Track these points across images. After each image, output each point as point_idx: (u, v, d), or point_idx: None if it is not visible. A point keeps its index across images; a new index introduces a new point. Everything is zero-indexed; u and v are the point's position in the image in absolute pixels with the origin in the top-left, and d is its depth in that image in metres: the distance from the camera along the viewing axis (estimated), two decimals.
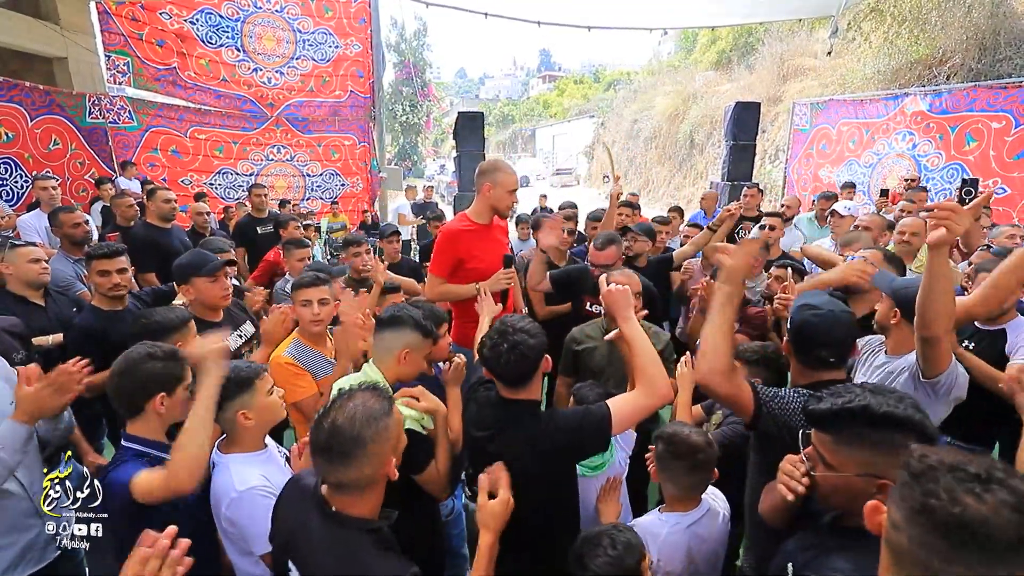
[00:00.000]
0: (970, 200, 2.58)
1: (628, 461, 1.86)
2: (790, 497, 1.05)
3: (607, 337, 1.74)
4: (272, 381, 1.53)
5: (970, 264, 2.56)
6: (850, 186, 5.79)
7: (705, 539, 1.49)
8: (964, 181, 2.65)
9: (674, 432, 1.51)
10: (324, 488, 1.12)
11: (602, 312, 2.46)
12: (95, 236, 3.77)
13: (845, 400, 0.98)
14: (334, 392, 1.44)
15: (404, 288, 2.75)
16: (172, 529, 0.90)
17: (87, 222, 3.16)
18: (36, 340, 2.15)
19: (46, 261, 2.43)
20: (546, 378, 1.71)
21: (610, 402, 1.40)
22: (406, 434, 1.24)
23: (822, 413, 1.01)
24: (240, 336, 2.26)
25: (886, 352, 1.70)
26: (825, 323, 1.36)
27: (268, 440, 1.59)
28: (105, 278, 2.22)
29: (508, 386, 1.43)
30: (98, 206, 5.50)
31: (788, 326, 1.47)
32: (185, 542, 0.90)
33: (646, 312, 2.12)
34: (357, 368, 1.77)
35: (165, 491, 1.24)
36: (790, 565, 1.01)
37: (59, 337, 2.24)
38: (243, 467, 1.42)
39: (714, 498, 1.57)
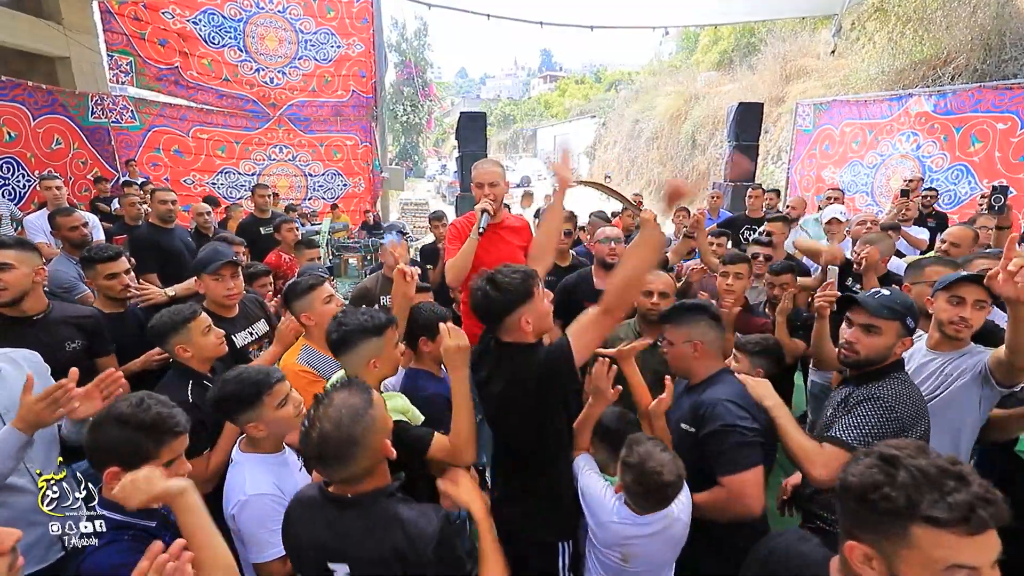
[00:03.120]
0: (999, 207, 2.54)
1: None
2: None
3: (635, 344, 1.80)
4: (286, 392, 1.48)
5: None
6: (839, 192, 5.68)
7: (655, 543, 1.42)
8: (994, 188, 2.58)
9: (645, 464, 1.35)
10: (332, 488, 1.16)
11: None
12: (100, 236, 3.76)
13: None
14: None
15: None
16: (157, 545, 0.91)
17: (86, 224, 3.13)
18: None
19: (45, 263, 2.42)
20: None
21: (568, 330, 1.42)
22: (394, 430, 1.25)
23: (667, 312, 1.75)
24: (251, 334, 2.27)
25: (928, 346, 1.80)
26: None
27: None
28: (115, 280, 2.22)
29: (487, 326, 1.50)
30: (115, 203, 5.51)
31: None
32: (188, 555, 0.90)
33: None
34: None
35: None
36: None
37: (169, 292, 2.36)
38: (259, 470, 1.42)
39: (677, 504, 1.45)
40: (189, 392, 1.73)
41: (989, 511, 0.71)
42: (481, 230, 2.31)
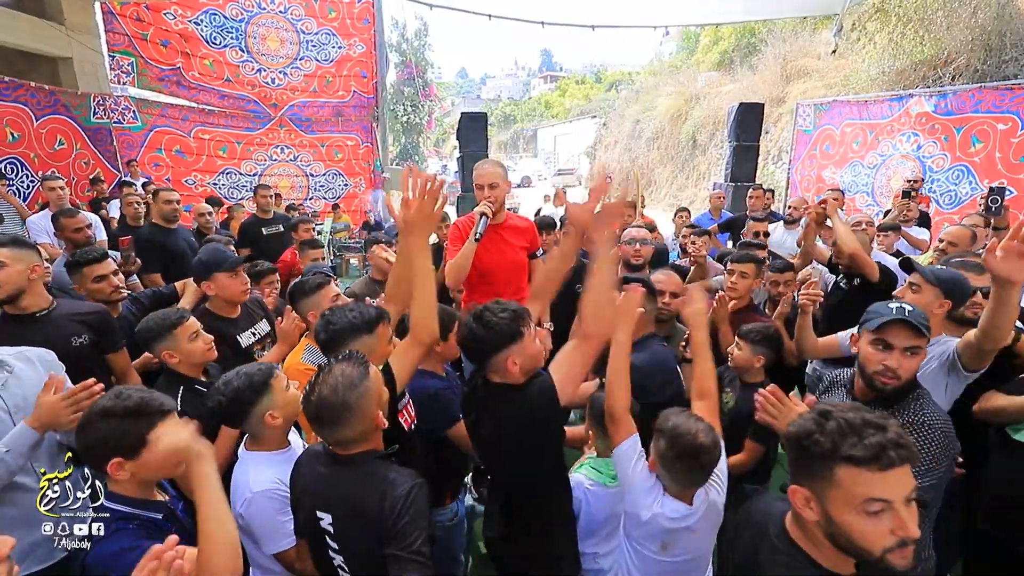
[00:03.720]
0: (996, 208, 2.56)
1: None
2: None
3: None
4: (286, 378, 1.54)
5: None
6: (838, 192, 5.68)
7: (690, 534, 1.40)
8: (991, 189, 2.58)
9: (678, 428, 1.35)
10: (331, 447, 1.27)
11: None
12: (103, 236, 3.77)
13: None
14: None
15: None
16: (173, 539, 0.93)
17: (90, 226, 3.15)
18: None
19: (48, 262, 2.43)
20: None
21: (550, 368, 1.40)
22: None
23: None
24: (254, 334, 2.27)
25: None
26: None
27: (293, 437, 1.60)
28: (103, 282, 2.20)
29: (474, 364, 1.47)
30: (114, 204, 5.51)
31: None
32: (192, 551, 0.93)
33: None
34: None
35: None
36: None
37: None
38: (262, 467, 1.45)
39: (715, 485, 1.42)
40: (179, 399, 1.72)
41: (900, 452, 0.84)
42: (479, 235, 2.31)
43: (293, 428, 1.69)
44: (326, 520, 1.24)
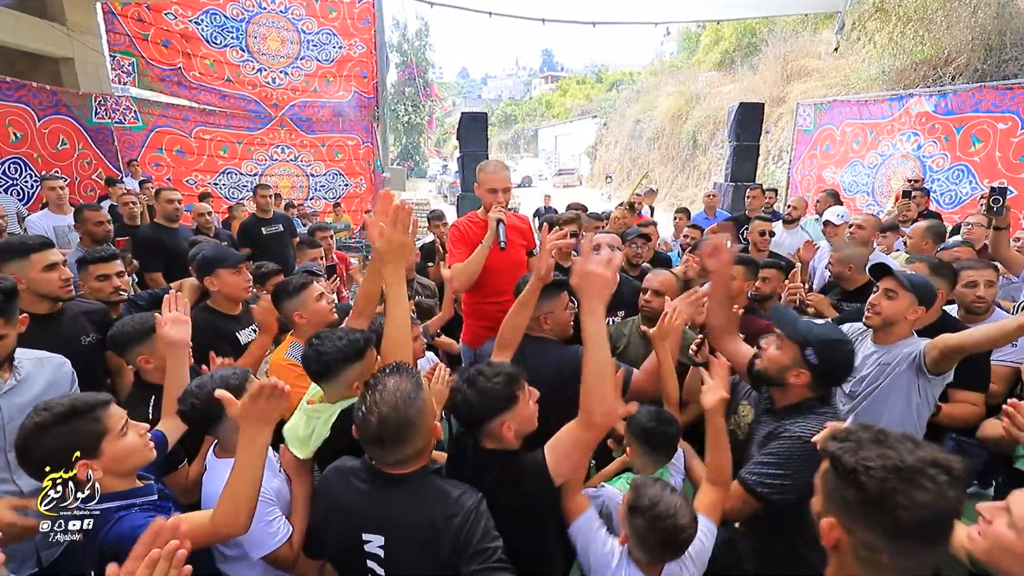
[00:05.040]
0: (997, 208, 2.55)
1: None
2: None
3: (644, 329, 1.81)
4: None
5: None
6: (833, 195, 5.67)
7: None
8: (993, 189, 2.56)
9: (657, 508, 1.21)
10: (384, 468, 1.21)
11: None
12: None
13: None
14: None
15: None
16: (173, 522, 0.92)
17: (109, 221, 3.23)
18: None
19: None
20: None
21: (547, 446, 1.28)
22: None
23: (549, 285, 1.77)
24: (253, 331, 2.30)
25: (873, 342, 1.85)
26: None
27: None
28: (105, 282, 2.21)
29: (466, 430, 1.37)
30: (106, 204, 5.53)
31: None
32: (192, 515, 0.95)
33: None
34: None
35: (211, 531, 1.17)
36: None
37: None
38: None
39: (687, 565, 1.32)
40: (150, 408, 1.65)
41: None
42: (503, 243, 2.29)
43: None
44: (375, 543, 1.17)
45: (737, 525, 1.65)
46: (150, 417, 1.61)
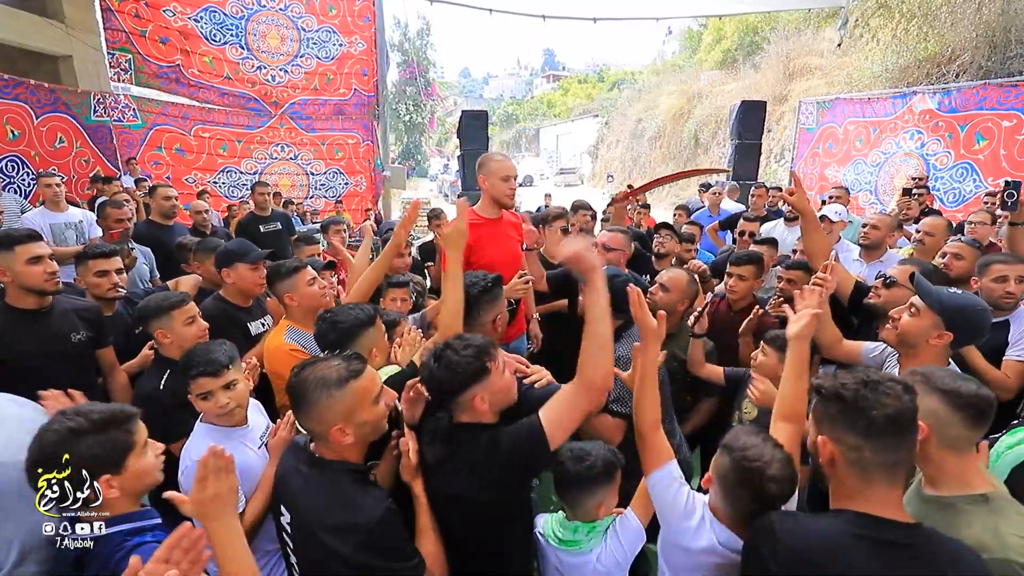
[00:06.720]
0: (1012, 203, 2.47)
1: (626, 568, 1.42)
2: None
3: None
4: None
5: None
6: (842, 190, 5.61)
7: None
8: (1007, 183, 2.49)
9: (747, 452, 1.14)
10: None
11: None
12: (97, 233, 3.76)
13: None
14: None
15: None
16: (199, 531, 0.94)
17: (131, 219, 3.30)
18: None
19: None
20: None
21: (542, 410, 1.25)
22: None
23: None
24: (263, 324, 2.35)
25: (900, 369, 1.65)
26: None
27: (259, 421, 1.62)
28: (104, 278, 2.21)
29: (440, 404, 1.33)
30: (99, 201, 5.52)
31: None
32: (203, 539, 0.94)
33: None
34: None
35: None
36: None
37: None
38: (201, 437, 1.48)
39: None
40: (163, 381, 1.75)
41: None
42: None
43: (259, 409, 1.71)
44: (285, 518, 1.21)
45: None
46: (160, 387, 1.74)
